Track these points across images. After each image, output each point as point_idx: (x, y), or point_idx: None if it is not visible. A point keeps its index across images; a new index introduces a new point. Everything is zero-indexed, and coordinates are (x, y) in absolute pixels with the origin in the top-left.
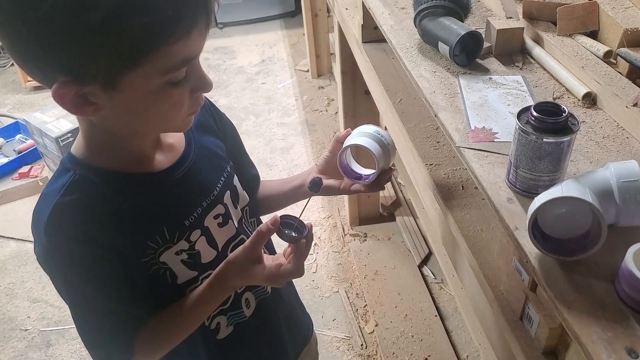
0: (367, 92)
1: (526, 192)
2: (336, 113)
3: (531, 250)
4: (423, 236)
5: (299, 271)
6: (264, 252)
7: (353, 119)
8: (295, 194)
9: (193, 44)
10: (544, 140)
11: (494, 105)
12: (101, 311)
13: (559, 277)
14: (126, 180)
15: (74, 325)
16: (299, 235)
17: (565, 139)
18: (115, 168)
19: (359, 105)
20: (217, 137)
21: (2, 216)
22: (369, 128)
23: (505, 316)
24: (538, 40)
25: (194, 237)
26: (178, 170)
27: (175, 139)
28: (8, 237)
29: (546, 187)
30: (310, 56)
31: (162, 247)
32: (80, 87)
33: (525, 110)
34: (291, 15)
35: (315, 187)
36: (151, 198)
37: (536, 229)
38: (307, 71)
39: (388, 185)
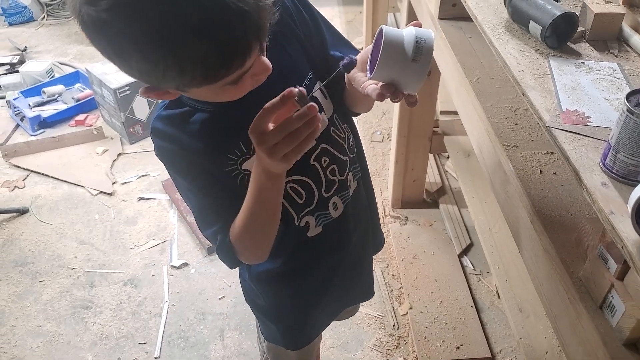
0: (428, 73)
1: (624, 178)
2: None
3: (628, 235)
4: (466, 226)
5: (270, 138)
6: None
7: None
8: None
9: (247, 65)
10: None
11: (587, 89)
12: (200, 202)
13: None
14: (208, 103)
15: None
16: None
17: None
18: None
19: None
20: (298, 41)
21: (57, 159)
22: (421, 31)
23: (584, 303)
24: (638, 29)
25: None
26: (252, 91)
27: None
28: (62, 180)
29: None
30: (366, 35)
31: (240, 158)
32: (160, 90)
33: (636, 92)
34: None
35: (348, 67)
36: (227, 117)
37: (638, 216)
38: (361, 49)
39: (434, 171)
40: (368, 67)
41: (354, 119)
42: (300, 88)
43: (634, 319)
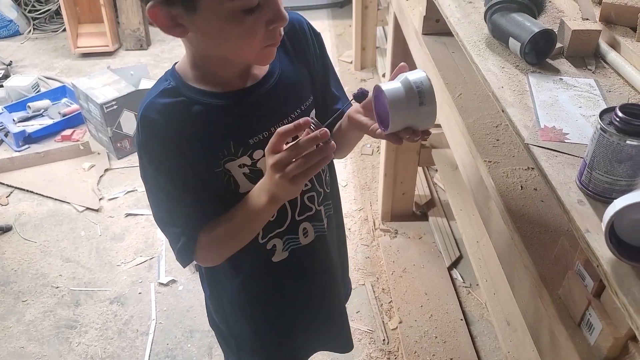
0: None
1: (599, 195)
2: None
3: (603, 254)
4: (455, 239)
5: (285, 158)
6: None
7: None
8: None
9: None
10: (627, 142)
11: (564, 106)
12: (173, 203)
13: (633, 284)
14: (206, 96)
15: (152, 213)
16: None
17: None
18: (202, 86)
19: None
20: (306, 65)
21: (42, 175)
22: (416, 75)
23: (563, 321)
24: (614, 45)
25: (257, 156)
26: (253, 92)
27: (260, 69)
28: (47, 197)
29: (622, 192)
30: (355, 48)
31: (226, 158)
32: (168, 8)
33: (609, 110)
34: (339, 5)
35: (360, 97)
36: (223, 114)
37: (612, 234)
38: (351, 63)
39: (423, 184)
40: (378, 123)
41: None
42: (310, 118)
43: (611, 338)
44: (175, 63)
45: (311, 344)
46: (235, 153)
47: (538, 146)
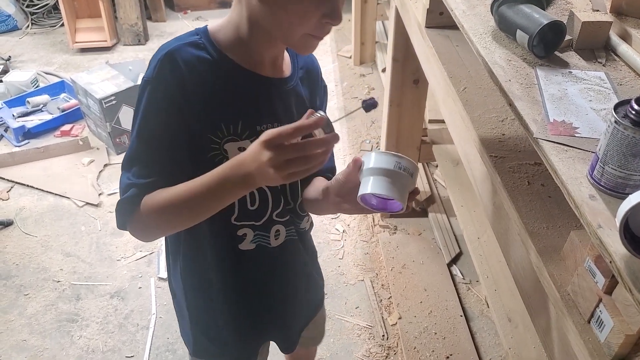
0: (416, 82)
1: (612, 190)
2: None
3: (616, 250)
4: (455, 235)
5: (288, 154)
6: None
7: (398, 109)
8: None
9: None
10: None
11: (574, 99)
12: (146, 150)
13: None
14: (232, 67)
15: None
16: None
17: None
18: (231, 56)
19: (405, 95)
20: (309, 97)
21: (42, 171)
22: (386, 160)
23: (572, 318)
24: (625, 37)
25: None
26: (276, 84)
27: (286, 69)
28: (47, 192)
29: (636, 186)
30: (354, 43)
31: (228, 137)
32: None
33: (624, 103)
34: None
35: (369, 107)
36: (243, 90)
37: (626, 230)
38: (350, 57)
39: (423, 180)
40: (364, 205)
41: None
42: (325, 115)
43: (622, 335)
44: (206, 26)
45: (262, 335)
46: (240, 134)
47: (547, 140)
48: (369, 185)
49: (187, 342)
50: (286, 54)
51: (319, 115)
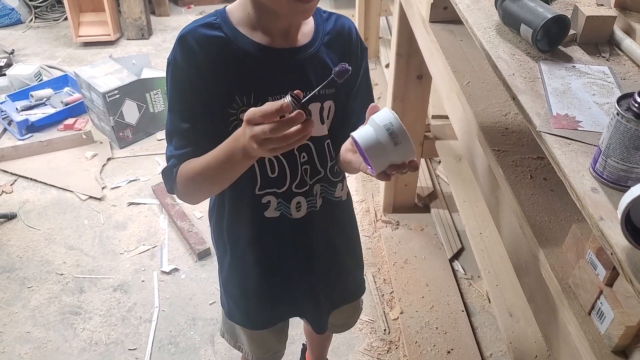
0: (420, 77)
1: (614, 183)
2: (379, 98)
3: (617, 242)
4: (457, 231)
5: (264, 133)
6: None
7: (402, 104)
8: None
9: None
10: None
11: (577, 93)
12: (177, 124)
13: None
14: (245, 41)
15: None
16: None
17: None
18: (244, 32)
19: (409, 90)
20: (342, 60)
21: (45, 164)
22: (383, 117)
23: (573, 310)
24: (629, 32)
25: None
26: (288, 55)
27: (304, 38)
28: (50, 185)
29: (638, 179)
30: None
31: (244, 106)
32: None
33: (627, 96)
34: None
35: (341, 75)
36: (254, 63)
37: (628, 222)
38: None
39: (426, 176)
40: (366, 163)
41: None
42: (295, 93)
43: (622, 326)
44: (226, 6)
45: (290, 307)
46: (254, 104)
47: (550, 134)
48: (358, 130)
49: (222, 303)
50: (312, 22)
51: (288, 100)
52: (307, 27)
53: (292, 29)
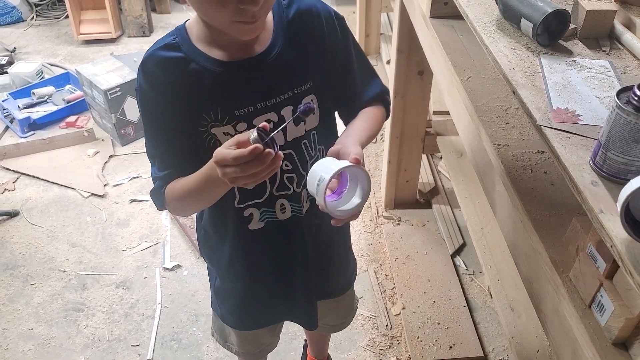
0: (421, 73)
1: (614, 176)
2: None
3: (617, 234)
4: (458, 227)
5: (230, 165)
6: None
7: (403, 100)
8: None
9: None
10: None
11: (577, 87)
12: (156, 147)
13: None
14: (204, 58)
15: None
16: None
17: None
18: (203, 48)
19: (410, 87)
20: (312, 51)
21: (47, 162)
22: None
23: (573, 303)
24: (630, 26)
25: (240, 128)
26: (246, 66)
27: (261, 46)
28: (52, 182)
29: (638, 172)
30: (359, 34)
31: (212, 122)
32: None
33: (626, 89)
34: None
35: (306, 113)
36: (215, 79)
37: (627, 214)
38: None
39: (427, 172)
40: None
41: None
42: (262, 127)
43: (622, 318)
44: (187, 20)
45: (279, 311)
46: (221, 120)
47: (550, 127)
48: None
49: (214, 307)
50: (270, 23)
51: (254, 135)
52: (266, 31)
53: (248, 41)
